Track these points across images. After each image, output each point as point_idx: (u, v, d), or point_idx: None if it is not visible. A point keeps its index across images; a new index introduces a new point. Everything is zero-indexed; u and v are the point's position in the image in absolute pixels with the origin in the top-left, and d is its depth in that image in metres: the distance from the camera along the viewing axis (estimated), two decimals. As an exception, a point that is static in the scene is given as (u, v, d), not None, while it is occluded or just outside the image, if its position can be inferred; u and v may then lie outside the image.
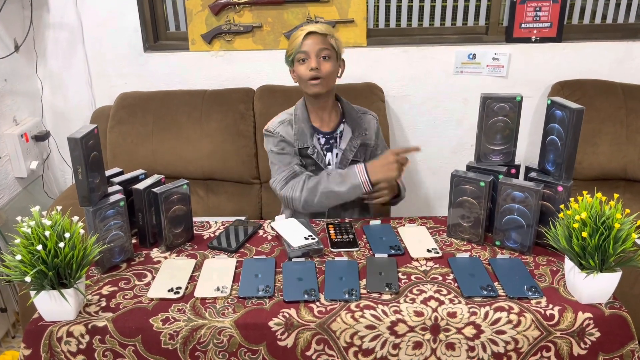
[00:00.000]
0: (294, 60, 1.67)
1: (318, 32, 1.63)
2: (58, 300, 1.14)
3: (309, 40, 1.62)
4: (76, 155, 1.26)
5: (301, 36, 1.62)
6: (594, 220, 1.14)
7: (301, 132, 1.72)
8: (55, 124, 2.57)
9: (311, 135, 1.72)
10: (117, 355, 1.18)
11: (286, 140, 1.72)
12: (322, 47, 1.63)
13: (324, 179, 1.63)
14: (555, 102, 1.36)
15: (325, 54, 1.63)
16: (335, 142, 1.75)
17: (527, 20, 2.35)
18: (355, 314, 1.19)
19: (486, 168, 1.46)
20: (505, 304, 1.20)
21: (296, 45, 1.63)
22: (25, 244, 1.13)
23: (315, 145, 1.73)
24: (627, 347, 1.20)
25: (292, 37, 1.66)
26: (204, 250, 1.45)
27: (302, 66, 1.65)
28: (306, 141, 1.72)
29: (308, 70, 1.63)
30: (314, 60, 1.62)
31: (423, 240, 1.47)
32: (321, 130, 1.75)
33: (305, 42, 1.62)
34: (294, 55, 1.65)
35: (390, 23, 2.48)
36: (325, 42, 1.64)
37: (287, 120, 1.76)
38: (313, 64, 1.61)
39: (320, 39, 1.63)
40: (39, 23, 2.40)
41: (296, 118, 1.75)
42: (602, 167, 2.23)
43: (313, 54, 1.62)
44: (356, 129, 1.75)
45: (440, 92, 2.47)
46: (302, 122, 1.73)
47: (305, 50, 1.62)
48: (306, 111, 1.75)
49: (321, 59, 1.63)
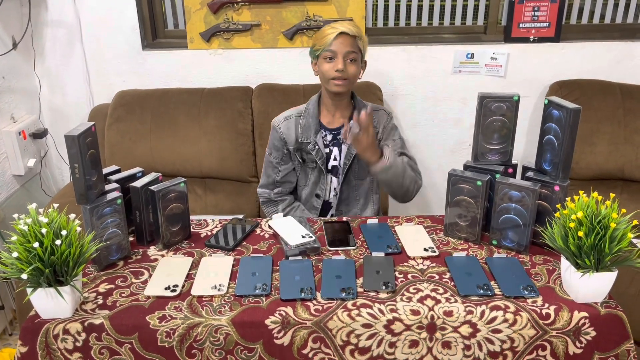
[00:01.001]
0: (319, 56, 1.67)
1: (349, 34, 1.63)
2: (54, 297, 1.14)
3: (339, 40, 1.63)
4: (73, 153, 1.26)
5: (332, 34, 1.63)
6: (590, 220, 1.15)
7: (307, 127, 1.75)
8: (53, 122, 2.56)
9: (315, 132, 1.75)
10: (114, 352, 1.18)
11: (283, 137, 1.77)
12: (351, 49, 1.64)
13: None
14: (552, 101, 1.36)
15: (352, 57, 1.65)
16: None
17: (526, 20, 2.36)
18: (351, 312, 1.19)
19: (483, 167, 1.46)
20: (502, 303, 1.20)
21: (325, 42, 1.63)
22: (22, 241, 1.12)
23: (317, 142, 1.74)
24: (623, 346, 1.20)
25: (322, 33, 1.66)
26: (201, 249, 1.45)
27: (328, 64, 1.66)
28: (309, 136, 1.75)
29: (334, 70, 1.64)
30: (341, 61, 1.63)
31: (420, 239, 1.47)
32: (328, 127, 1.77)
33: (335, 42, 1.63)
34: (321, 51, 1.65)
35: (389, 22, 2.48)
36: (354, 44, 1.65)
37: (294, 116, 1.79)
38: (340, 65, 1.63)
39: (349, 40, 1.64)
40: (37, 20, 2.40)
41: (306, 112, 1.78)
42: (599, 167, 2.23)
43: (340, 55, 1.63)
44: None
45: (439, 92, 2.47)
46: (310, 118, 1.76)
47: (334, 50, 1.63)
48: (318, 107, 1.78)
49: (348, 60, 1.64)
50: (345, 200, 1.81)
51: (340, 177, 1.79)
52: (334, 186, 1.80)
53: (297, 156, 1.79)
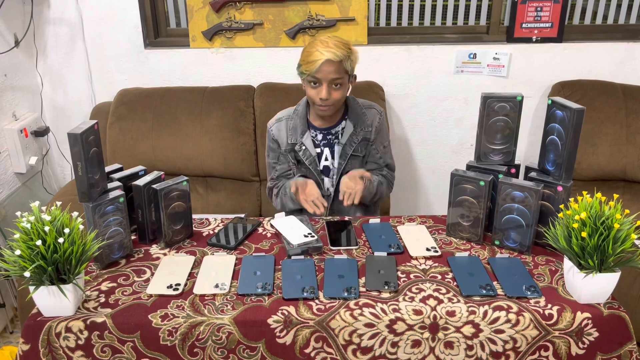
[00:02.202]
0: (304, 79, 1.66)
1: (334, 60, 1.58)
2: (57, 295, 1.14)
3: (324, 67, 1.59)
4: (76, 151, 1.26)
5: (318, 62, 1.58)
6: (593, 221, 1.14)
7: (294, 128, 1.76)
8: (54, 120, 2.56)
9: (302, 133, 1.75)
10: (116, 351, 1.18)
11: (275, 139, 1.81)
12: (336, 76, 1.60)
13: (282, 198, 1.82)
14: (556, 102, 1.36)
15: (337, 82, 1.62)
16: (337, 137, 1.77)
17: (528, 20, 2.35)
18: (354, 312, 1.19)
19: (486, 167, 1.46)
20: (504, 303, 1.20)
21: (311, 69, 1.59)
22: (25, 239, 1.12)
23: (305, 143, 1.75)
24: (625, 347, 1.20)
25: (309, 55, 1.61)
26: (203, 247, 1.45)
27: (313, 90, 1.65)
28: (297, 137, 1.76)
29: (317, 97, 1.63)
30: (325, 89, 1.61)
31: (422, 239, 1.47)
32: (319, 127, 1.77)
33: (320, 69, 1.59)
34: (306, 76, 1.63)
35: (391, 22, 2.48)
36: (340, 69, 1.61)
37: (285, 118, 1.81)
38: (324, 94, 1.61)
39: (335, 67, 1.59)
40: (39, 18, 2.39)
41: (295, 113, 1.78)
42: (601, 168, 2.23)
43: (325, 82, 1.61)
44: (358, 124, 1.76)
45: (441, 92, 2.46)
46: (298, 118, 1.77)
47: (318, 78, 1.61)
48: (307, 108, 1.78)
49: (333, 86, 1.62)
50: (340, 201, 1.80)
51: (334, 177, 1.79)
52: (326, 186, 1.80)
53: (290, 157, 1.79)
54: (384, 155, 1.83)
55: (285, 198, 1.78)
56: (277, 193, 1.83)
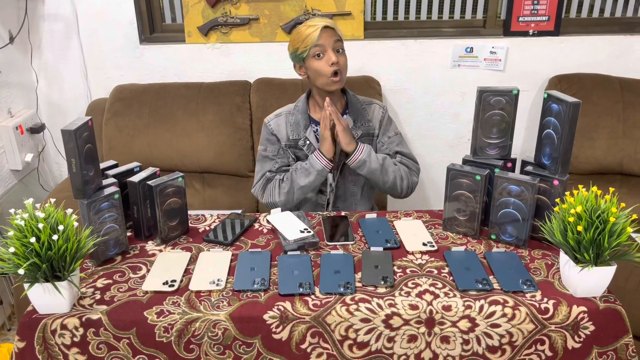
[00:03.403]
0: (306, 57, 1.64)
1: (331, 27, 1.61)
2: (52, 292, 1.14)
3: (324, 34, 1.60)
4: (70, 148, 1.25)
5: (316, 31, 1.60)
6: (589, 214, 1.14)
7: (297, 123, 1.74)
8: (50, 116, 2.55)
9: (305, 127, 1.73)
10: (112, 348, 1.18)
11: (274, 134, 1.76)
12: (336, 38, 1.62)
13: (294, 178, 1.69)
14: (551, 95, 1.36)
15: (340, 46, 1.64)
16: None
17: (525, 13, 2.35)
18: (350, 307, 1.19)
19: (482, 162, 1.46)
20: (500, 298, 1.20)
21: (311, 40, 1.60)
22: (19, 236, 1.12)
23: (308, 138, 1.73)
24: (622, 340, 1.20)
25: (301, 33, 1.62)
26: (199, 243, 1.45)
27: (320, 61, 1.62)
28: (299, 133, 1.73)
29: (328, 65, 1.61)
30: (332, 54, 1.60)
31: (419, 233, 1.46)
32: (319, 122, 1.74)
33: (320, 36, 1.60)
34: (308, 50, 1.61)
35: (388, 16, 2.47)
36: (337, 33, 1.64)
37: (284, 113, 1.78)
38: (333, 58, 1.60)
39: (332, 31, 1.62)
40: (34, 14, 2.38)
41: (295, 109, 1.76)
42: (598, 162, 2.23)
43: (330, 47, 1.61)
44: (358, 119, 1.75)
45: (438, 86, 2.46)
46: (299, 114, 1.74)
47: (322, 44, 1.60)
48: (307, 103, 1.76)
49: (337, 51, 1.63)
50: (342, 196, 1.79)
51: (336, 172, 1.76)
52: (329, 181, 1.78)
53: (290, 153, 1.77)
54: (389, 145, 1.78)
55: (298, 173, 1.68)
56: (283, 178, 1.73)
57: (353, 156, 1.64)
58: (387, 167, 1.69)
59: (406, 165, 1.77)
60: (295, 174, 1.69)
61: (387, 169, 1.69)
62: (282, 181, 1.73)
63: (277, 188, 1.73)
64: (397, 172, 1.72)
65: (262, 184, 1.77)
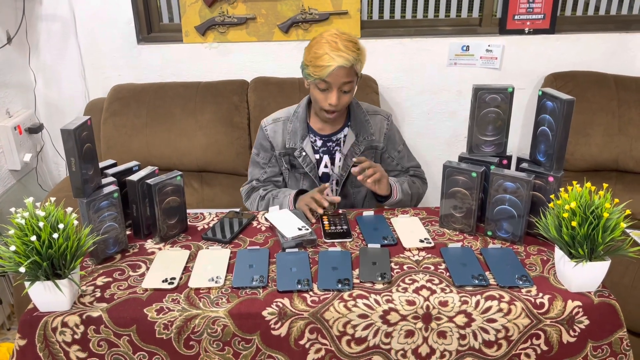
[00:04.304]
0: (312, 81, 1.58)
1: (346, 67, 1.52)
2: (52, 290, 1.15)
3: (335, 73, 1.51)
4: (69, 147, 1.26)
5: (329, 68, 1.50)
6: (583, 210, 1.16)
7: (294, 132, 1.70)
8: (48, 116, 2.56)
9: (302, 137, 1.69)
10: (112, 345, 1.19)
11: (269, 140, 1.74)
12: (346, 80, 1.54)
13: (270, 203, 1.69)
14: (546, 93, 1.37)
15: (347, 88, 1.56)
16: (338, 146, 1.72)
17: (521, 12, 2.36)
18: (348, 303, 1.20)
19: (478, 159, 1.47)
20: (496, 293, 1.22)
21: (321, 73, 1.51)
22: (19, 234, 1.13)
23: (305, 149, 1.69)
24: (616, 334, 1.21)
25: (316, 58, 1.52)
26: (198, 241, 1.46)
27: (320, 94, 1.58)
28: (296, 142, 1.70)
29: (326, 102, 1.57)
30: (335, 95, 1.55)
31: (415, 230, 1.48)
32: (320, 133, 1.72)
33: (331, 74, 1.51)
34: (314, 80, 1.55)
35: (384, 15, 2.48)
36: (351, 73, 1.54)
37: (283, 119, 1.74)
38: (334, 100, 1.55)
39: (346, 71, 1.53)
40: (32, 15, 2.39)
41: (295, 116, 1.72)
42: (594, 158, 2.24)
43: (336, 87, 1.55)
44: (361, 133, 1.70)
45: (434, 84, 2.47)
46: (298, 122, 1.70)
47: (329, 82, 1.54)
48: (307, 111, 1.72)
49: (342, 92, 1.57)
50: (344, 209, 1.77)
51: (337, 188, 1.74)
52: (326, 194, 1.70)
53: (284, 161, 1.74)
54: (400, 161, 1.77)
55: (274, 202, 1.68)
56: (263, 196, 1.73)
57: (388, 201, 1.67)
58: (413, 195, 1.72)
59: (418, 177, 1.79)
60: (271, 202, 1.69)
61: (412, 197, 1.72)
62: (262, 199, 1.73)
63: (256, 201, 1.74)
64: (416, 192, 1.74)
65: (247, 189, 1.80)
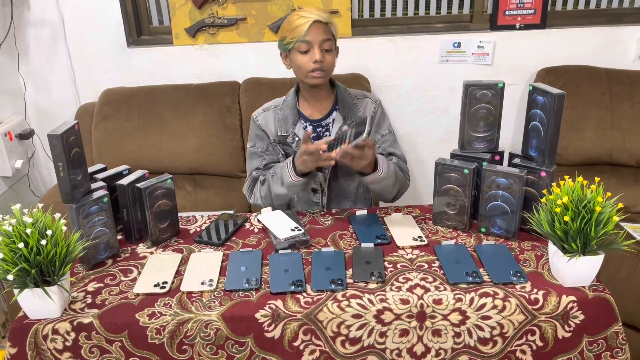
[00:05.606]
0: (292, 48, 1.58)
1: (322, 21, 1.55)
2: (42, 298, 1.14)
3: (313, 29, 1.53)
4: (57, 152, 1.25)
5: (305, 24, 1.53)
6: (575, 204, 1.15)
7: (285, 118, 1.70)
8: (39, 122, 2.54)
9: (294, 123, 1.69)
10: (104, 351, 1.18)
11: (262, 129, 1.73)
12: (325, 37, 1.56)
13: (270, 183, 1.64)
14: (537, 88, 1.36)
15: (327, 46, 1.57)
16: (328, 131, 1.72)
17: (511, 7, 2.36)
18: (341, 303, 1.19)
19: (470, 155, 1.47)
20: (490, 290, 1.21)
21: (299, 33, 1.54)
22: (7, 242, 1.11)
23: (297, 134, 1.69)
24: (611, 328, 1.21)
25: (292, 23, 1.56)
26: (190, 245, 1.44)
27: (304, 57, 1.58)
28: (288, 129, 1.70)
29: (311, 61, 1.57)
30: (317, 52, 1.55)
31: (409, 228, 1.47)
32: (310, 118, 1.71)
33: (309, 31, 1.53)
34: (294, 43, 1.56)
35: (375, 13, 2.47)
36: (328, 31, 1.57)
37: (272, 108, 1.74)
38: (317, 56, 1.55)
39: (323, 28, 1.55)
40: (20, 20, 2.37)
41: (284, 104, 1.72)
42: (587, 153, 2.24)
43: (317, 45, 1.55)
44: (348, 116, 1.69)
45: (427, 81, 2.47)
46: (288, 109, 1.70)
47: (309, 40, 1.54)
48: (296, 98, 1.72)
49: (324, 50, 1.57)
50: (336, 198, 1.76)
51: (327, 171, 1.72)
52: (319, 181, 1.72)
53: (279, 149, 1.73)
54: (383, 144, 1.74)
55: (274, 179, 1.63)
56: (263, 180, 1.69)
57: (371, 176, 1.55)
58: (397, 181, 1.63)
59: (400, 169, 1.71)
60: (272, 180, 1.64)
61: (397, 181, 1.64)
62: (262, 183, 1.69)
63: (258, 192, 1.70)
64: (400, 182, 1.66)
65: (249, 183, 1.75)
